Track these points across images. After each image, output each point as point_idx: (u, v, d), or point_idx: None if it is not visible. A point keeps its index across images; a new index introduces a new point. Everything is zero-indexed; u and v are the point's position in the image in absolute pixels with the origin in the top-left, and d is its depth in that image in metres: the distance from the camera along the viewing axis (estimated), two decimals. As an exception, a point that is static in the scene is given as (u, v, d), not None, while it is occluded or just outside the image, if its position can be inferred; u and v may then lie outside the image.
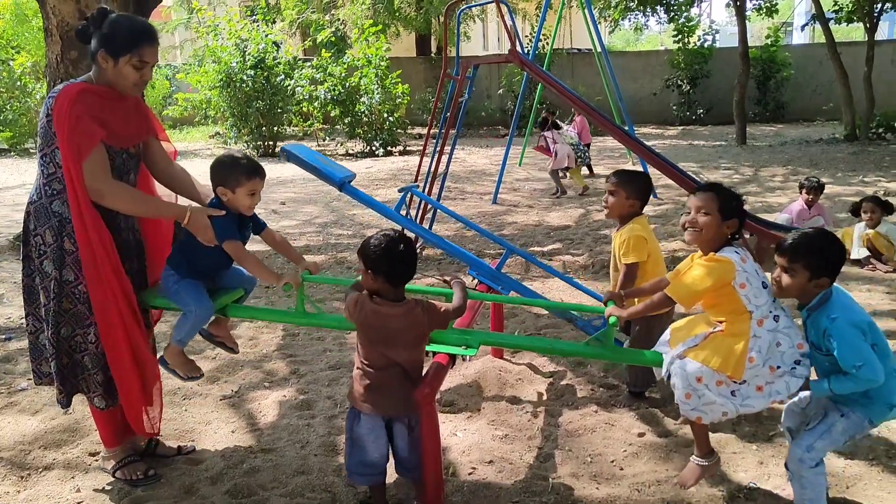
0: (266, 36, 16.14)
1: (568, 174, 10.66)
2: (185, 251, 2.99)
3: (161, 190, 3.22)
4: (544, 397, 3.88)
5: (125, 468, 3.10)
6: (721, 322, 2.65)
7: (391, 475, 2.85)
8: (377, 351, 2.63)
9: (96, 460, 3.31)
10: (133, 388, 2.92)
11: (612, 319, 2.89)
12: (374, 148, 16.35)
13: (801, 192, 6.88)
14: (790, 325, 2.59)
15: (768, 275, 2.66)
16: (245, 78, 15.53)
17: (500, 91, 21.48)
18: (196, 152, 16.69)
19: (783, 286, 2.57)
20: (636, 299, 3.28)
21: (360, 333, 2.68)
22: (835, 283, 2.58)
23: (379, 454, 2.67)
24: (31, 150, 17.83)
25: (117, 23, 2.79)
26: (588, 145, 11.69)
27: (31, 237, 2.87)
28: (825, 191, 7.02)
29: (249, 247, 3.04)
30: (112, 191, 2.77)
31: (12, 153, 17.59)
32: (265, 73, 15.80)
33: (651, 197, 3.58)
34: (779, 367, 2.54)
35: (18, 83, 17.71)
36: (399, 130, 17.00)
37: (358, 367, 2.69)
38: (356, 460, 2.68)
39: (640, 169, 9.99)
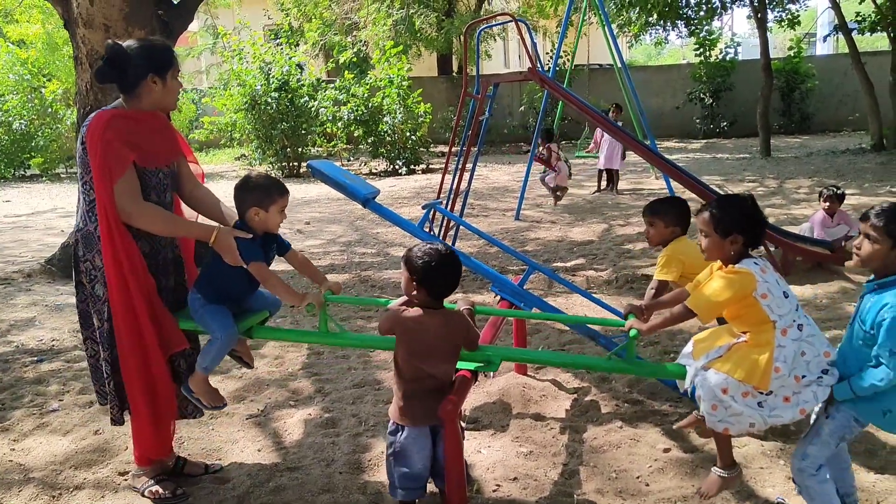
0: (290, 58, 16.38)
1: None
2: (210, 275, 3.04)
3: (187, 212, 3.29)
4: (569, 414, 3.87)
5: (154, 487, 3.15)
6: (745, 333, 2.64)
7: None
8: (414, 363, 2.67)
9: (126, 479, 3.35)
10: (147, 406, 2.97)
11: (632, 332, 2.88)
12: (397, 167, 16.47)
13: (821, 201, 6.82)
14: (814, 334, 2.56)
15: (793, 287, 2.63)
16: (269, 100, 15.76)
17: (522, 108, 21.56)
18: (222, 174, 16.93)
19: (862, 255, 2.47)
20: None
21: (399, 346, 2.71)
22: None
23: (423, 465, 2.68)
24: (62, 176, 18.22)
25: (150, 47, 2.95)
26: (616, 171, 11.81)
27: (80, 263, 2.98)
28: (853, 202, 6.94)
29: (274, 267, 3.09)
30: (141, 212, 2.86)
31: (44, 178, 17.97)
32: (289, 95, 16.02)
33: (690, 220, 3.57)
34: (804, 377, 2.51)
35: (49, 110, 18.14)
36: (422, 149, 17.11)
37: (396, 382, 2.75)
38: (400, 473, 2.68)
39: (665, 186, 9.98)
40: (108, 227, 2.82)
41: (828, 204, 6.68)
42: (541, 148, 10.60)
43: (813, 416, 2.65)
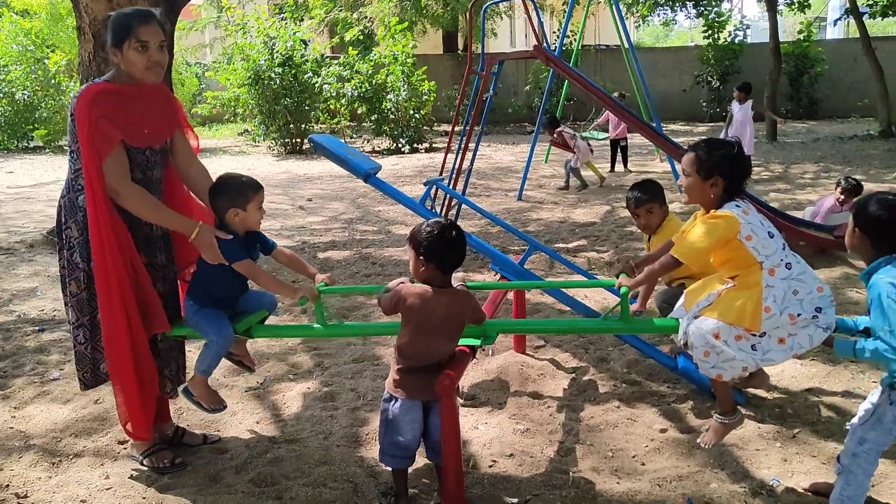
0: (294, 34, 16.29)
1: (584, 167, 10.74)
2: (200, 280, 3.05)
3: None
4: (566, 392, 3.88)
5: (153, 456, 3.17)
6: (734, 278, 2.63)
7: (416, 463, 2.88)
8: (419, 341, 2.68)
9: (125, 448, 3.38)
10: (128, 381, 2.96)
11: (623, 290, 2.90)
12: (400, 145, 16.42)
13: (836, 190, 6.76)
14: (805, 271, 2.55)
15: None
16: (273, 76, 15.68)
17: (527, 87, 21.42)
18: (225, 149, 16.91)
19: (848, 244, 2.51)
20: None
21: (405, 323, 2.71)
22: None
23: (412, 436, 2.72)
24: (66, 147, 18.15)
25: (114, 17, 2.87)
26: (625, 139, 11.85)
27: (62, 230, 2.98)
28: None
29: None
30: (128, 194, 2.84)
31: (47, 150, 17.96)
32: (293, 71, 15.94)
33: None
34: (799, 315, 2.50)
35: (53, 81, 18.07)
36: (425, 127, 17.06)
37: (395, 356, 2.76)
38: (389, 441, 2.73)
39: (670, 168, 9.94)
40: (93, 201, 2.80)
41: (843, 196, 6.61)
42: (552, 137, 10.57)
43: (871, 403, 2.56)
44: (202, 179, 3.16)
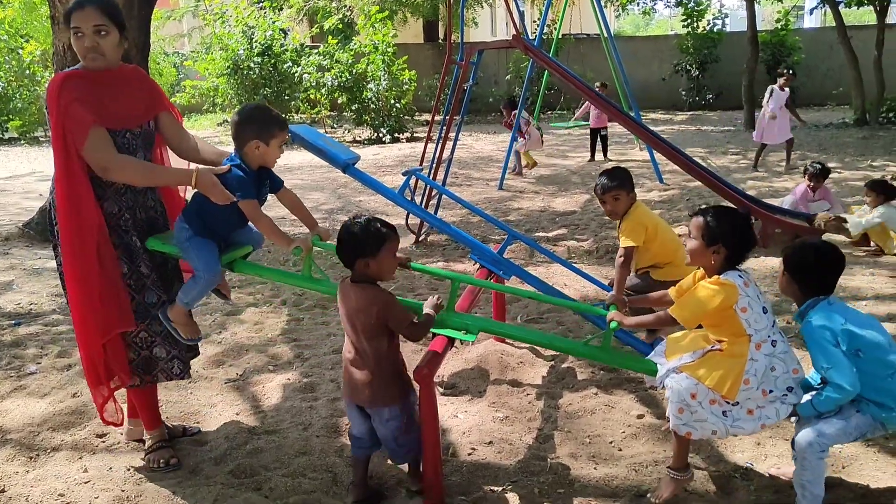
0: (273, 23, 16.15)
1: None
2: (200, 209, 2.95)
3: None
4: (545, 380, 3.92)
5: (151, 455, 3.15)
6: (720, 342, 2.68)
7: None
8: (348, 335, 2.77)
9: (104, 441, 3.37)
10: (98, 369, 2.94)
11: (612, 324, 2.93)
12: (381, 135, 16.35)
13: (804, 178, 6.87)
14: (786, 351, 2.63)
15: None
16: (252, 65, 15.56)
17: (508, 77, 21.40)
18: (205, 140, 16.70)
19: (779, 286, 2.76)
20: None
21: None
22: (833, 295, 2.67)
23: (357, 431, 2.83)
24: (41, 139, 17.94)
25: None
26: (605, 128, 11.92)
27: (54, 226, 2.94)
28: (834, 176, 6.99)
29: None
30: (116, 164, 2.79)
31: (22, 141, 17.70)
32: (272, 61, 15.82)
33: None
34: (771, 392, 2.59)
35: (27, 72, 17.79)
36: (406, 117, 17.00)
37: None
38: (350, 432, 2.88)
39: (649, 157, 10.00)
40: (63, 192, 2.77)
41: (812, 182, 6.73)
42: (507, 119, 10.71)
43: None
44: (202, 146, 3.15)
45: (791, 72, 11.07)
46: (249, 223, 3.05)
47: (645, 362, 2.96)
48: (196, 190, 2.89)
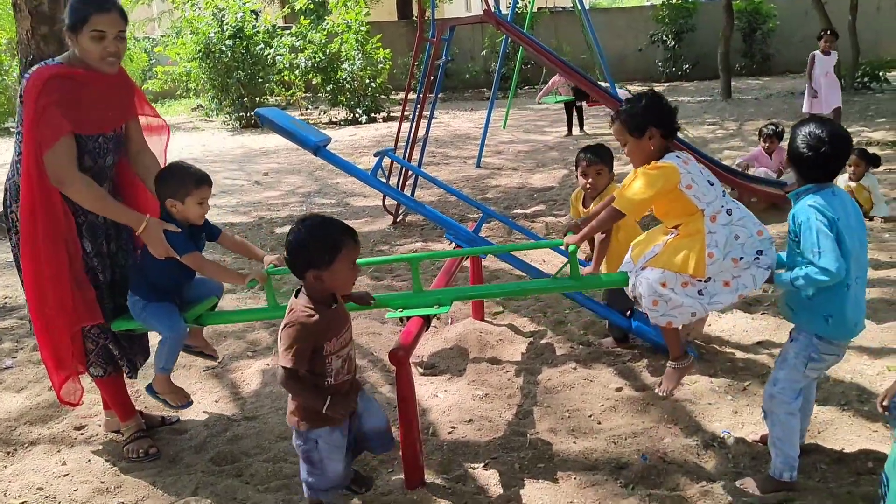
0: (244, 4, 15.88)
1: None
2: (143, 273, 2.94)
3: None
4: (524, 357, 3.93)
5: (129, 445, 3.13)
6: (676, 227, 2.69)
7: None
8: None
9: (82, 433, 3.35)
10: (59, 355, 2.93)
11: (571, 248, 2.95)
12: (357, 115, 16.21)
13: (759, 140, 6.91)
14: (745, 216, 2.62)
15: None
16: (224, 48, 15.33)
17: (484, 52, 21.27)
18: (178, 126, 16.52)
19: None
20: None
21: None
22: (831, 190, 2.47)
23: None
24: (11, 129, 17.62)
25: (72, 1, 2.74)
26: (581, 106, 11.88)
27: (8, 213, 2.90)
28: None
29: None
30: (73, 183, 2.73)
31: (-8, 132, 17.40)
32: (244, 43, 15.59)
33: None
34: (741, 258, 2.57)
35: (-7, 61, 17.45)
36: (382, 96, 16.85)
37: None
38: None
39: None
40: (28, 187, 2.73)
41: (767, 143, 6.77)
42: None
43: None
44: (153, 168, 3.06)
45: (829, 32, 9.63)
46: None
47: (615, 276, 3.00)
48: (140, 258, 2.96)
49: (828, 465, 2.78)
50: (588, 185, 3.88)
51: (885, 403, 2.17)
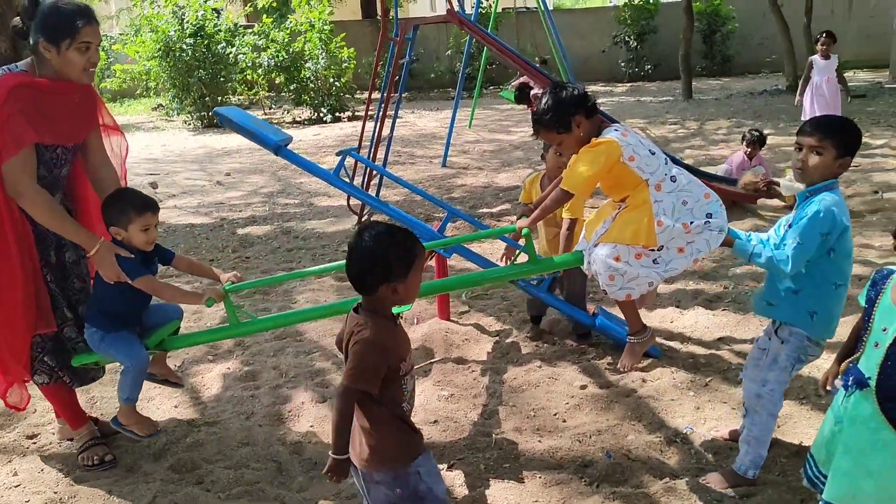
0: (205, 2, 15.64)
1: None
2: (99, 302, 2.87)
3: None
4: (490, 356, 3.92)
5: (84, 453, 3.05)
6: (623, 200, 2.70)
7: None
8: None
9: (34, 442, 3.25)
10: (6, 362, 2.86)
11: (524, 231, 2.96)
12: (321, 114, 16.07)
13: (742, 144, 7.01)
14: (690, 181, 2.64)
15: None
16: (185, 47, 15.06)
17: (449, 52, 21.26)
18: (138, 125, 16.21)
19: (810, 166, 2.44)
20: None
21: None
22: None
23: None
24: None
25: (52, 8, 2.66)
26: None
27: None
28: (769, 141, 7.14)
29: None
30: (31, 196, 2.66)
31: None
32: (205, 42, 15.34)
33: None
34: (692, 223, 2.58)
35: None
36: (347, 95, 16.73)
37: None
38: None
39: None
40: None
41: (750, 149, 6.86)
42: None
43: (759, 348, 2.72)
44: (111, 184, 2.99)
45: (826, 35, 8.75)
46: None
47: (570, 256, 3.01)
48: (94, 288, 2.89)
49: (787, 458, 2.82)
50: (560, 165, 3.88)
51: (828, 388, 2.21)
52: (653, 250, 2.59)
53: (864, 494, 2.00)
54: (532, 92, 10.08)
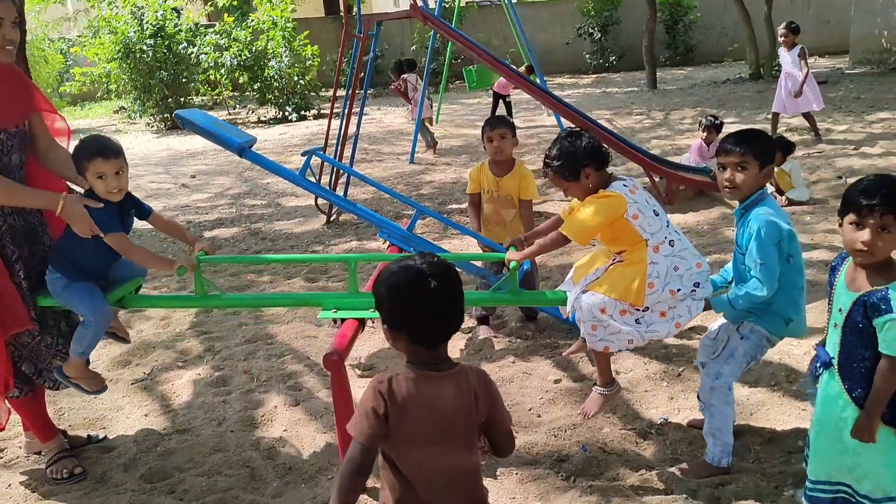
0: (164, 2, 15.40)
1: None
2: (66, 251, 2.78)
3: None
4: (463, 353, 3.91)
5: (52, 466, 2.97)
6: (619, 254, 2.70)
7: None
8: (427, 453, 1.71)
9: (1, 457, 3.17)
10: None
11: (512, 265, 2.93)
12: (286, 113, 15.93)
13: (699, 131, 7.07)
14: (686, 248, 2.65)
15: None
16: (145, 48, 14.84)
17: (414, 48, 21.19)
18: (100, 129, 15.92)
19: (737, 184, 2.54)
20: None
21: (400, 433, 1.70)
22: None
23: None
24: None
25: None
26: (509, 94, 11.93)
27: None
28: (733, 129, 7.18)
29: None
30: None
31: None
32: (166, 42, 15.12)
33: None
34: (679, 290, 2.59)
35: None
36: (312, 94, 16.61)
37: (392, 485, 1.77)
38: None
39: (556, 123, 10.08)
40: None
41: (706, 134, 6.93)
42: (395, 84, 10.50)
43: (710, 339, 2.79)
44: (63, 161, 2.91)
45: (785, 26, 8.66)
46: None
47: (555, 294, 2.99)
48: (62, 234, 2.77)
49: (760, 445, 2.85)
50: (495, 148, 4.02)
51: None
52: (637, 309, 2.60)
53: (843, 469, 2.11)
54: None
